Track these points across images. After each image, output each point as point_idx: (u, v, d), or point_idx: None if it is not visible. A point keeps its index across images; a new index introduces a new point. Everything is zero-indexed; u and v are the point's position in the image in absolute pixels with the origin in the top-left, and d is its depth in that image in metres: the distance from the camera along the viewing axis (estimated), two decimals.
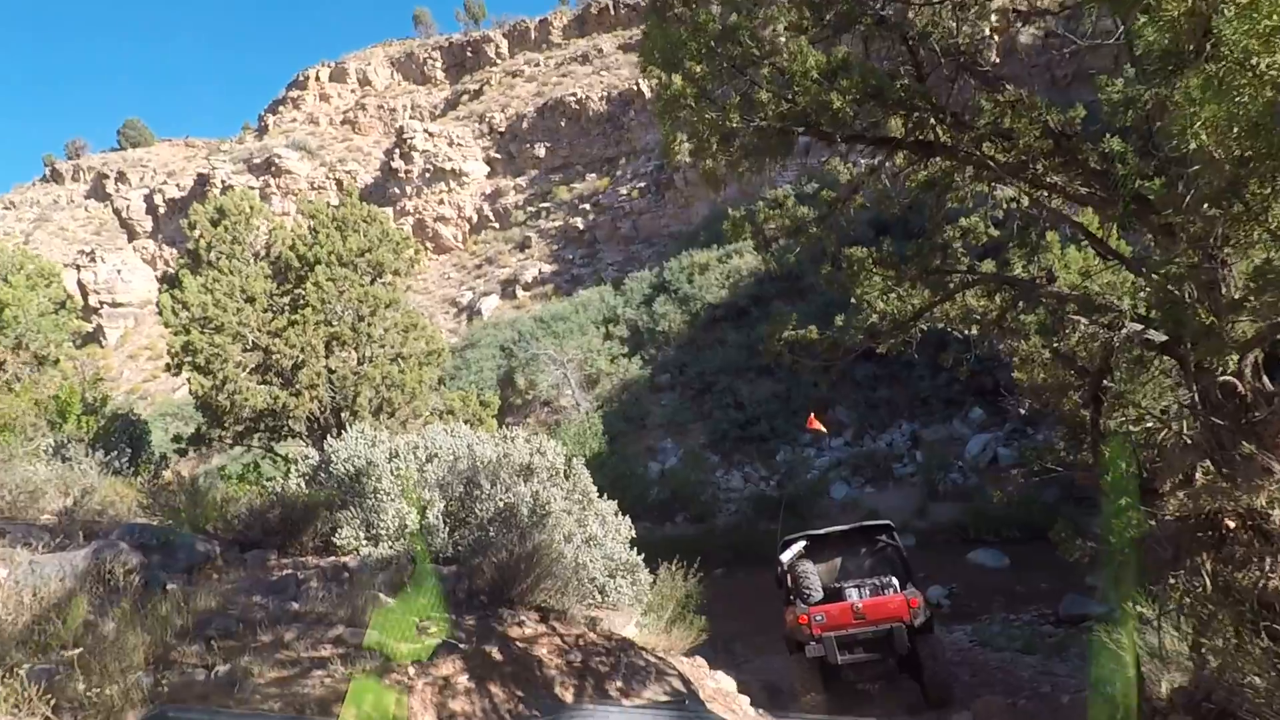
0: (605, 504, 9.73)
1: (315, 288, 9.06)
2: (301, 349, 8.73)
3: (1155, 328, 3.18)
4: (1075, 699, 6.54)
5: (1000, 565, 18.11)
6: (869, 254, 4.98)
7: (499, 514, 6.97)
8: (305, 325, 8.82)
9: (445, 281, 49.30)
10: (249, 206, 9.89)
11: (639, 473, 25.83)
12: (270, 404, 8.78)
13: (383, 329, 9.47)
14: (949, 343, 25.01)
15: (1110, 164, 3.13)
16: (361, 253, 9.63)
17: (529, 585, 5.78)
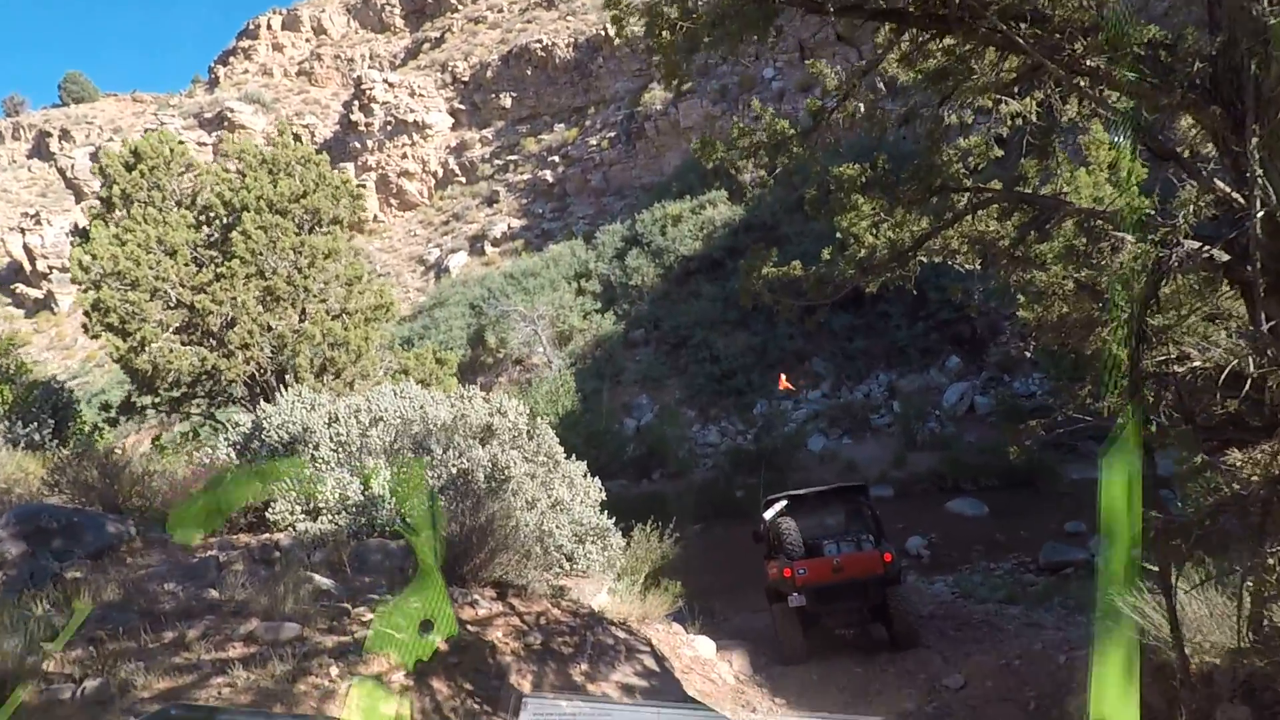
0: (574, 465, 9.17)
1: (243, 237, 8.14)
2: (231, 305, 7.91)
3: (1216, 245, 2.65)
4: (1072, 659, 6.17)
5: (979, 514, 17.99)
6: (861, 171, 4.33)
7: (452, 481, 6.34)
8: (234, 279, 7.96)
9: (411, 239, 47.84)
10: (169, 149, 8.87)
11: (614, 430, 25.35)
12: (198, 367, 7.97)
13: (323, 282, 8.65)
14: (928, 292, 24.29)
15: (1164, 46, 2.53)
16: (296, 198, 8.71)
17: (483, 560, 5.19)
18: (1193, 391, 3.02)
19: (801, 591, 8.50)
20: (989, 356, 25.58)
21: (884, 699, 6.84)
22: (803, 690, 7.67)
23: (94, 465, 6.03)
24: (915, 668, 7.82)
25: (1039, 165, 4.29)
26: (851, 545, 9.02)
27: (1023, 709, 5.61)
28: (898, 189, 4.20)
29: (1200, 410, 3.02)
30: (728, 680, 7.46)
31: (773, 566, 9.49)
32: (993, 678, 6.45)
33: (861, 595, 8.59)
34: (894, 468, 21.52)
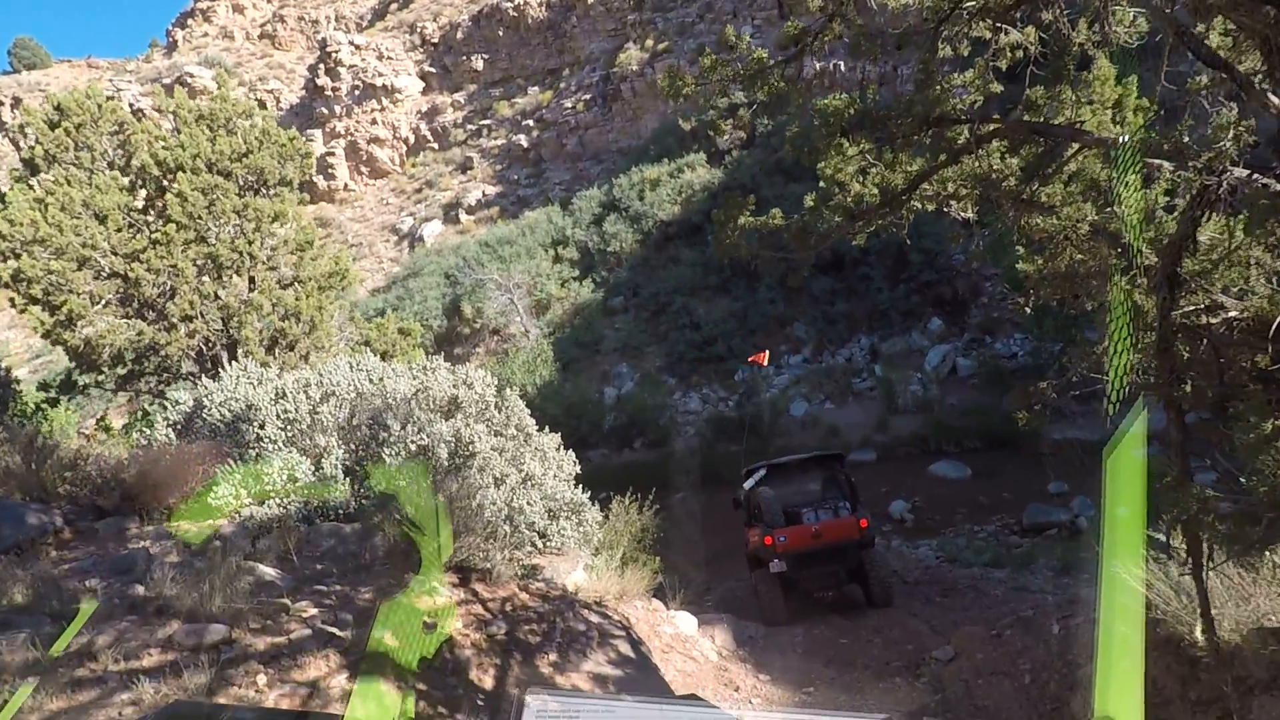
0: (547, 438, 8.75)
1: (179, 199, 7.50)
2: (169, 274, 7.32)
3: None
4: (1066, 629, 5.91)
5: (962, 476, 17.90)
6: (849, 104, 3.86)
7: (412, 459, 5.89)
8: (170, 245, 7.34)
9: (384, 208, 46.67)
10: (97, 105, 8.12)
11: (594, 399, 24.97)
12: (136, 342, 7.38)
13: (270, 248, 8.05)
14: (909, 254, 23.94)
15: None
16: (237, 157, 8.05)
17: (442, 543, 4.78)
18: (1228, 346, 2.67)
19: (782, 558, 8.85)
20: (971, 318, 25.40)
21: (871, 672, 6.59)
22: (787, 665, 7.41)
23: (16, 450, 5.52)
24: (902, 638, 7.59)
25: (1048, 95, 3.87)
26: (829, 513, 9.32)
27: (1017, 683, 5.35)
28: (890, 122, 3.76)
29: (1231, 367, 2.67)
30: (710, 657, 7.18)
31: (753, 534, 9.72)
32: (984, 649, 6.19)
33: (839, 559, 8.99)
34: (876, 431, 21.38)
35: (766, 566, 9.09)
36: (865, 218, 4.38)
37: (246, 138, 8.26)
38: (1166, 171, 2.62)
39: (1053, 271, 4.22)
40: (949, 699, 5.50)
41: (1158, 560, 4.50)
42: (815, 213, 4.58)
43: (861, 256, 26.20)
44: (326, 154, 47.92)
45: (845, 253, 26.37)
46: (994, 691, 5.41)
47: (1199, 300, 2.77)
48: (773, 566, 8.96)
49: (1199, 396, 2.87)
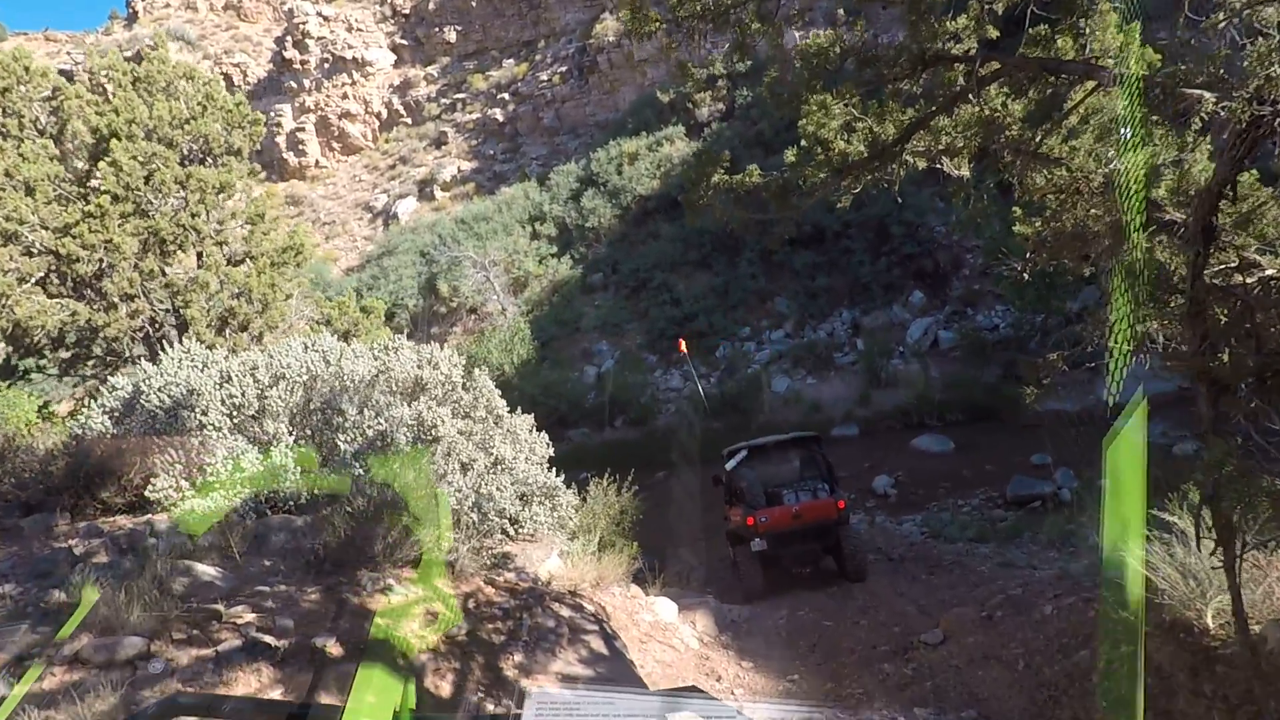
0: (520, 419, 8.38)
1: (113, 169, 6.94)
2: (105, 250, 6.78)
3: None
4: (1059, 609, 5.68)
5: (945, 450, 17.78)
6: (834, 41, 3.47)
7: (370, 445, 5.51)
8: (105, 219, 6.80)
9: (357, 185, 45.60)
10: (24, 68, 7.47)
11: (574, 378, 24.61)
12: (70, 323, 6.86)
13: (217, 222, 7.52)
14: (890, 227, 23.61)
15: None
16: (179, 123, 7.48)
17: (398, 537, 4.42)
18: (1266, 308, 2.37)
19: (763, 537, 9.17)
20: (952, 290, 25.23)
21: (858, 658, 6.35)
22: (770, 651, 7.17)
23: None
24: (889, 620, 7.36)
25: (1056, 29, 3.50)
26: (808, 493, 9.65)
27: (1010, 670, 5.12)
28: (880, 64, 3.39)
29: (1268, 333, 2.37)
30: (691, 645, 6.91)
31: (735, 513, 9.98)
32: (974, 632, 5.96)
33: (817, 538, 9.37)
34: (859, 406, 21.22)
35: (748, 544, 9.37)
36: (852, 173, 4.01)
37: (189, 103, 7.69)
38: (1208, 103, 2.30)
39: (1057, 231, 3.88)
40: (939, 687, 5.26)
41: (1162, 542, 4.23)
42: (797, 170, 4.20)
43: (843, 230, 25.91)
44: (296, 130, 46.69)
45: (826, 226, 26.05)
46: (986, 678, 5.18)
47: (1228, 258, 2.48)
48: (754, 545, 9.25)
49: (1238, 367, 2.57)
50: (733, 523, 10.12)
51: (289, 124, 46.71)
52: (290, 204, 45.25)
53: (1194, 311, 2.37)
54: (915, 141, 3.82)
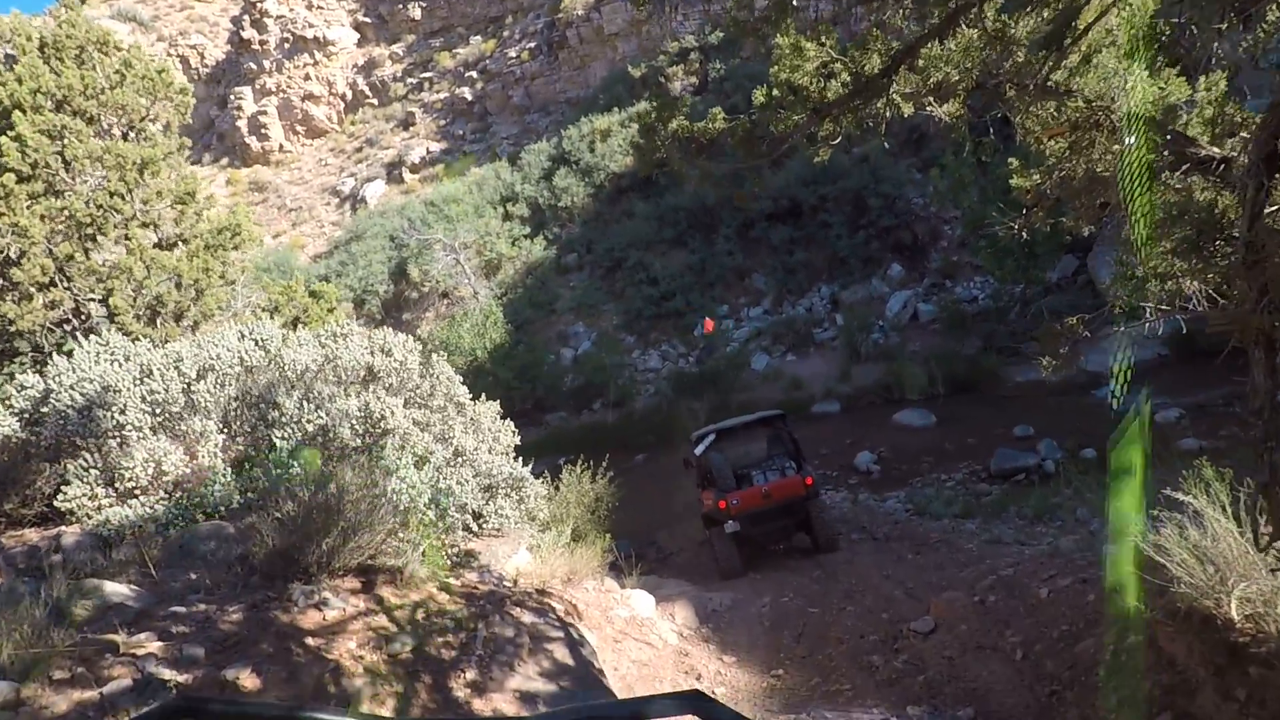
0: (484, 407, 7.91)
1: (16, 143, 6.33)
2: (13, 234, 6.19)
3: None
4: (1055, 593, 5.36)
5: (927, 424, 17.56)
6: None
7: (310, 441, 5.02)
8: (11, 199, 6.20)
9: (323, 169, 44.40)
10: None
11: (550, 361, 24.10)
12: None
13: (142, 202, 6.91)
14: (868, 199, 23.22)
15: None
16: (94, 94, 6.85)
17: (335, 544, 3.96)
18: None
19: (736, 518, 9.37)
20: (930, 263, 24.99)
21: (845, 649, 6.01)
22: (754, 642, 6.82)
23: None
24: (876, 605, 7.03)
25: None
26: (776, 473, 9.91)
27: (1008, 662, 4.79)
28: None
29: None
30: (669, 640, 6.53)
31: (708, 497, 10.15)
32: (966, 618, 5.63)
33: (788, 515, 9.61)
34: (840, 382, 20.95)
35: (722, 526, 9.57)
36: (831, 113, 3.56)
37: (106, 72, 7.05)
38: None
39: (1065, 179, 3.46)
40: (932, 681, 4.93)
41: (1173, 523, 3.87)
42: (767, 112, 3.75)
43: (819, 203, 25.51)
44: (258, 113, 45.29)
45: (803, 200, 25.64)
46: (982, 670, 4.84)
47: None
48: (728, 527, 9.45)
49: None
50: (706, 506, 10.25)
51: (250, 107, 45.31)
52: (254, 190, 44.00)
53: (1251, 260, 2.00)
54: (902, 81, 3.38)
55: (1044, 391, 18.73)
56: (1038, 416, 16.28)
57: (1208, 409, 15.40)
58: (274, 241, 39.94)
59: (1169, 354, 19.16)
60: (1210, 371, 18.43)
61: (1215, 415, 14.87)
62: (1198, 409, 15.52)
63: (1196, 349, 18.49)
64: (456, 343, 20.51)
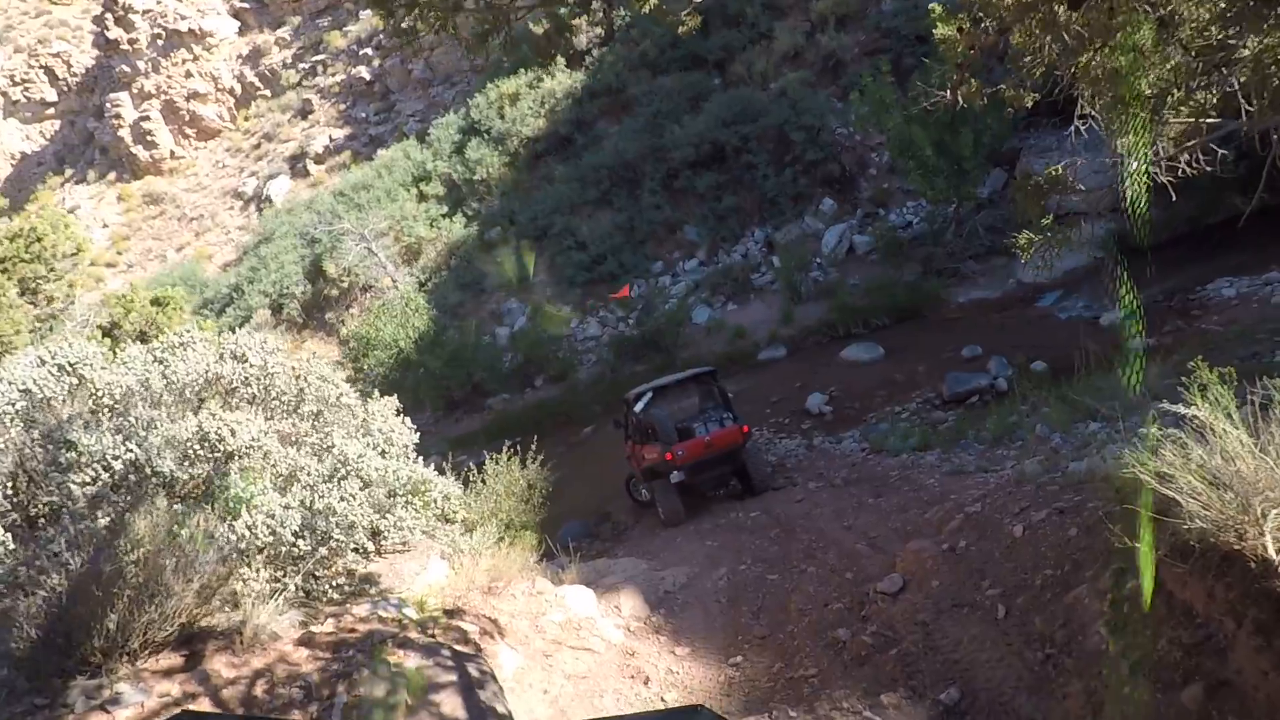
0: (377, 405, 6.91)
1: None
2: None
3: None
4: (1032, 530, 4.72)
5: (875, 357, 17.11)
6: None
7: (119, 485, 4.00)
8: None
9: (221, 171, 41.69)
10: None
11: (485, 343, 22.94)
12: None
13: None
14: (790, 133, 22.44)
15: None
16: None
17: (125, 619, 3.00)
18: None
19: (682, 469, 9.98)
20: (861, 193, 24.45)
21: (809, 622, 5.32)
22: (710, 624, 6.11)
23: None
24: (839, 563, 6.38)
25: None
26: (716, 424, 10.43)
27: (989, 621, 4.14)
28: None
29: None
30: (614, 639, 5.76)
31: (650, 451, 10.55)
32: (937, 571, 4.97)
33: (727, 462, 10.36)
34: (783, 326, 20.37)
35: (666, 478, 10.14)
36: None
37: None
38: None
39: None
40: (907, 654, 4.25)
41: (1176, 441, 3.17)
42: None
43: (742, 144, 24.63)
44: (140, 119, 42.10)
45: (725, 142, 24.74)
46: (962, 635, 4.18)
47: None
48: (673, 478, 10.05)
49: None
50: (647, 460, 10.68)
51: (130, 114, 42.11)
52: (150, 204, 41.13)
53: None
54: None
55: (987, 309, 18.49)
56: (984, 335, 15.95)
57: (1148, 306, 15.25)
58: (178, 255, 37.48)
59: (1104, 256, 19.11)
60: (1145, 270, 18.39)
61: (1156, 312, 14.72)
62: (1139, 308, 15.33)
63: (1129, 249, 18.53)
64: (376, 337, 19.24)
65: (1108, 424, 9.20)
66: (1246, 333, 12.05)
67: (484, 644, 4.61)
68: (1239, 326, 12.65)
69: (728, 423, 10.42)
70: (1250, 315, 13.04)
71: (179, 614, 3.18)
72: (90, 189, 42.33)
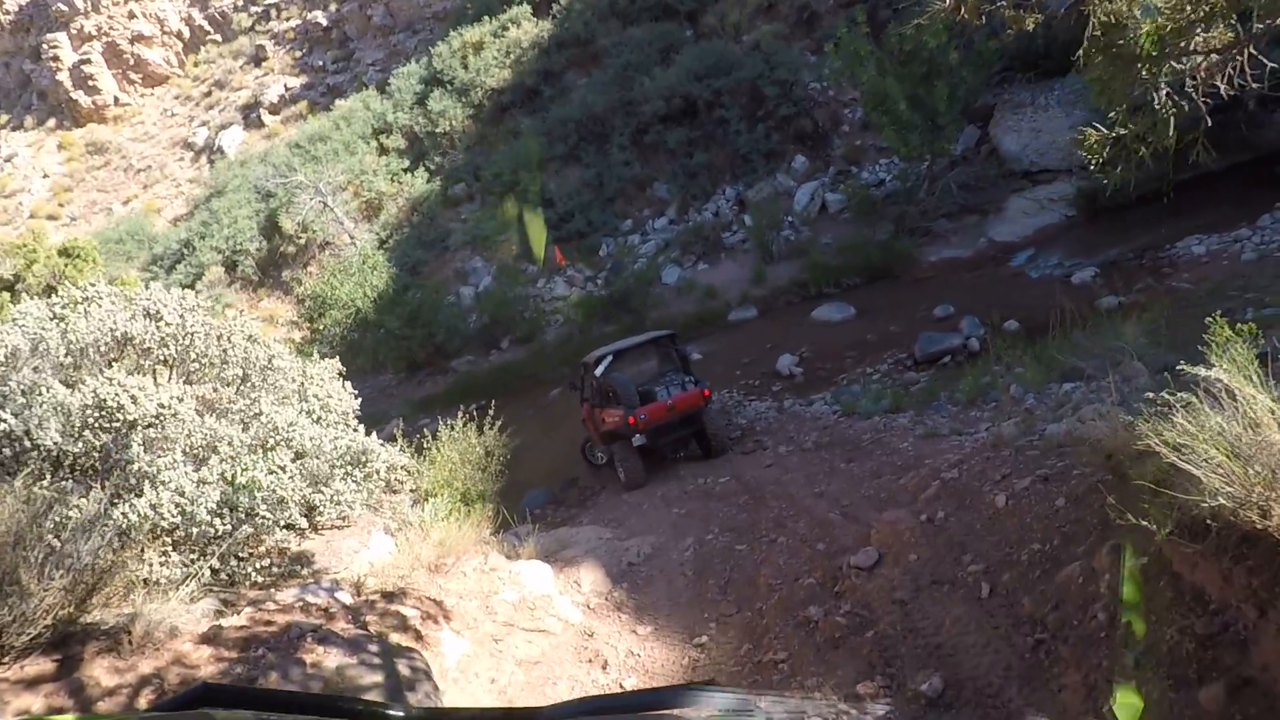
0: (317, 369, 6.41)
1: None
2: None
3: None
4: (1016, 499, 4.42)
5: (846, 317, 16.83)
6: None
7: None
8: None
9: (169, 120, 39.70)
10: None
11: (448, 303, 22.23)
12: None
13: None
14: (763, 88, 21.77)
15: None
16: None
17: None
18: None
19: (644, 433, 9.89)
20: (834, 150, 23.94)
21: (778, 599, 5.00)
22: (675, 598, 5.78)
23: None
24: (810, 533, 6.07)
25: None
26: (678, 387, 10.30)
27: (972, 600, 3.83)
28: None
29: None
30: (572, 619, 5.40)
31: (611, 414, 10.37)
32: (915, 545, 4.66)
33: (689, 425, 10.31)
34: (754, 286, 19.98)
35: (628, 440, 10.07)
36: None
37: None
38: None
39: None
40: (884, 637, 3.94)
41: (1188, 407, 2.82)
42: None
43: (715, 99, 23.89)
44: (80, 63, 39.77)
45: (697, 96, 23.96)
46: (944, 616, 3.87)
47: None
48: (635, 441, 9.98)
49: None
50: (608, 424, 10.48)
51: (70, 57, 39.73)
52: (94, 153, 39.08)
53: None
54: None
55: (959, 268, 18.26)
56: (956, 294, 15.71)
57: (1120, 265, 15.12)
58: (125, 208, 35.77)
59: (1075, 214, 18.94)
60: (1116, 228, 18.13)
61: (1128, 270, 14.59)
62: (1110, 265, 15.22)
63: (1100, 207, 18.38)
64: (333, 296, 18.45)
65: (1082, 384, 9.03)
66: (1218, 290, 11.94)
67: (426, 630, 4.21)
68: (1210, 284, 12.54)
69: (689, 386, 10.33)
70: (1221, 272, 12.92)
71: (45, 613, 2.71)
72: (28, 136, 40.06)
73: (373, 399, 22.75)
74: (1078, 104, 19.19)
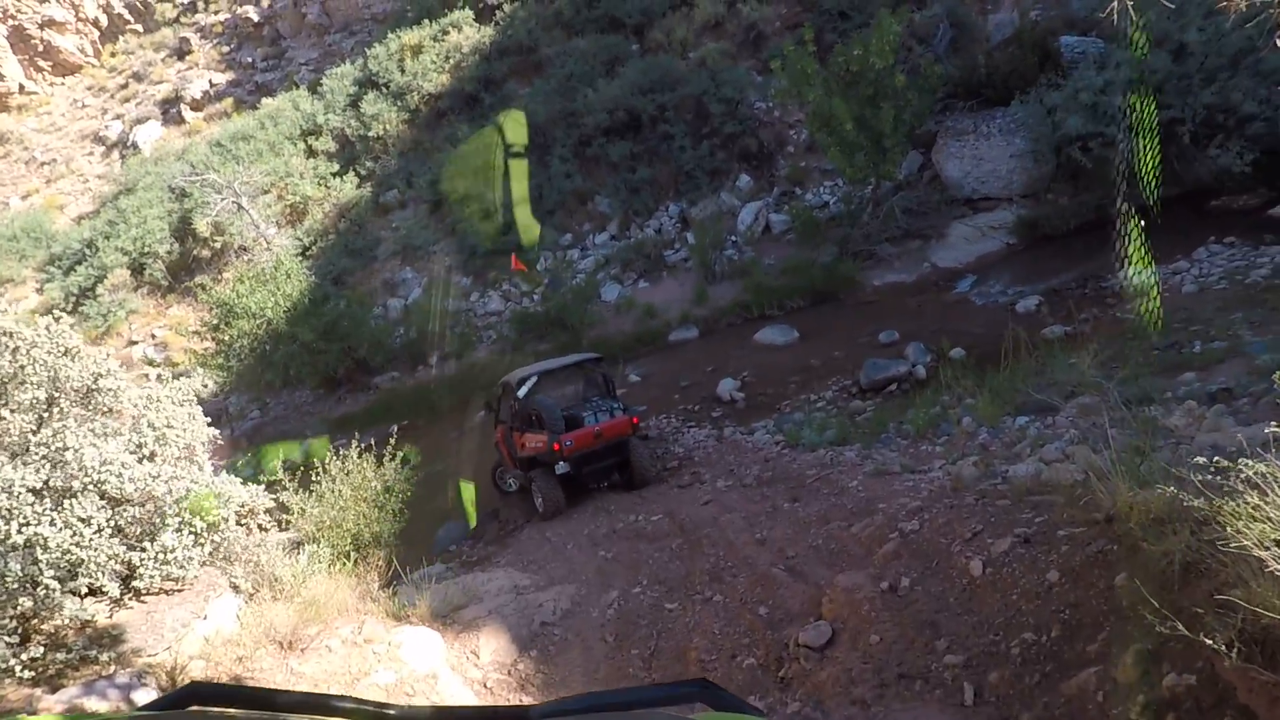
0: (165, 391, 5.29)
1: None
2: None
3: None
4: (993, 563, 3.69)
5: (789, 340, 16.27)
6: None
7: None
8: None
9: (80, 112, 37.10)
10: None
11: (373, 315, 20.88)
12: None
13: None
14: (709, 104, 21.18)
15: None
16: None
17: None
18: None
19: (568, 460, 9.39)
20: (779, 170, 23.62)
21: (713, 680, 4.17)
22: (590, 672, 4.87)
23: None
24: (751, 593, 5.24)
25: None
26: (606, 414, 9.81)
27: (953, 703, 3.05)
28: None
29: None
30: (464, 698, 4.42)
31: (533, 439, 9.84)
32: (876, 623, 3.88)
33: (616, 454, 9.80)
34: (695, 306, 19.32)
35: (549, 468, 9.54)
36: None
37: None
38: None
39: None
40: None
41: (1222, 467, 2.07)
42: None
43: (659, 113, 23.32)
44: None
45: (641, 110, 23.36)
46: None
47: None
48: (558, 469, 9.44)
49: None
50: (530, 449, 9.93)
51: None
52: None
53: None
54: None
55: (903, 293, 17.99)
56: (900, 319, 15.34)
57: (1062, 293, 15.01)
58: (24, 203, 33.06)
59: (1015, 242, 18.97)
60: (1056, 256, 18.03)
61: (1071, 299, 14.47)
62: (1053, 294, 15.10)
63: (1040, 235, 18.45)
64: (240, 304, 16.97)
65: (1036, 419, 8.53)
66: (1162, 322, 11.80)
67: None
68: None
69: (617, 413, 9.88)
70: (1162, 304, 12.83)
71: None
72: None
73: (285, 417, 21.20)
74: (1018, 133, 19.31)
